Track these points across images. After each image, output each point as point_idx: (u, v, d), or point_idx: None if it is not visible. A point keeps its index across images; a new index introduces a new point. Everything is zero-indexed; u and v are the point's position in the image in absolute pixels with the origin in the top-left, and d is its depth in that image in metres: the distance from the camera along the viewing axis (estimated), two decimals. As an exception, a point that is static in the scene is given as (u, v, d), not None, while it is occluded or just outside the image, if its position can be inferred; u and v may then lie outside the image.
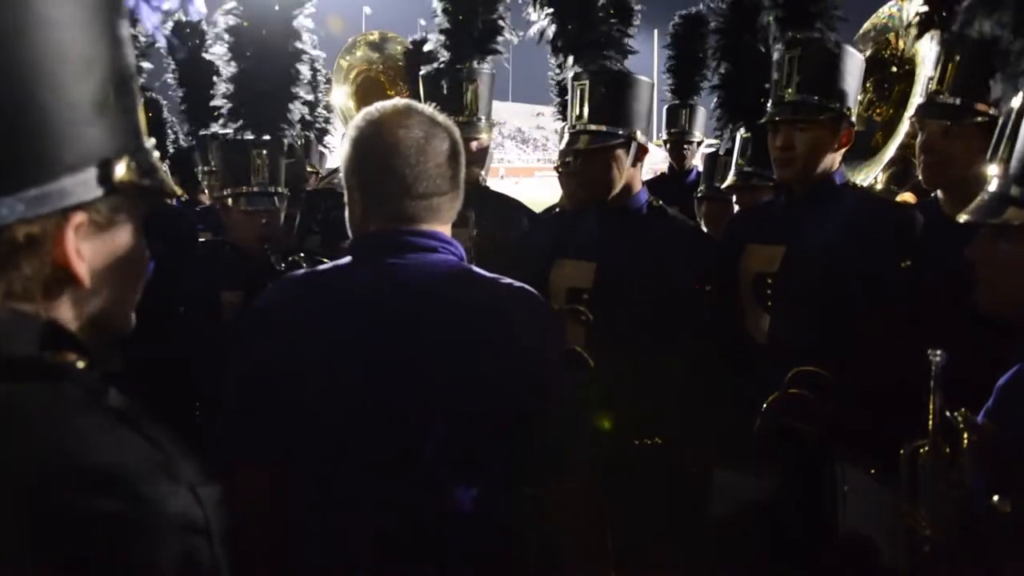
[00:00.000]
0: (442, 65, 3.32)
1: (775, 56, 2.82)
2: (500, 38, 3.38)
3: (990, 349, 1.64)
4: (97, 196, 0.90)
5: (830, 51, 2.76)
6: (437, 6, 3.38)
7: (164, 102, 5.63)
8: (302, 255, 3.01)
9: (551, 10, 3.05)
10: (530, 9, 3.11)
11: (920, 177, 2.73)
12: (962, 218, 1.50)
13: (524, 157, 66.61)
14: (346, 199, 1.79)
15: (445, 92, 3.22)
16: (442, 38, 3.36)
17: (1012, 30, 1.48)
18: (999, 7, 1.50)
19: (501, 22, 3.37)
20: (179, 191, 1.12)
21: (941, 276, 2.34)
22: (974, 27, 1.61)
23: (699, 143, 5.62)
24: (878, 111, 3.52)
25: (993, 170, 1.47)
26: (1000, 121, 1.47)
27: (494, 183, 6.27)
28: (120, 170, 0.91)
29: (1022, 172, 1.42)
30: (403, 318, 1.66)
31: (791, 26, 2.88)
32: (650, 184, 5.83)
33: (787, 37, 2.85)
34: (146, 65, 3.39)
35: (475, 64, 3.29)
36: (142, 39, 3.35)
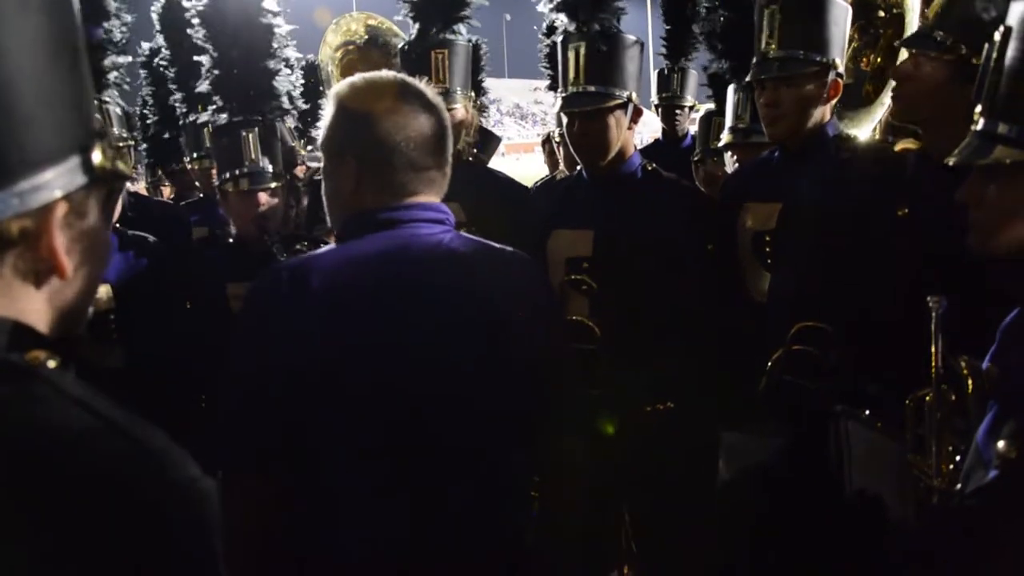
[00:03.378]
0: (411, 37, 3.29)
1: (756, 11, 2.77)
2: (468, 7, 3.33)
3: (993, 292, 1.60)
4: (81, 184, 0.89)
5: (811, 2, 2.70)
6: None
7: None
8: (307, 243, 2.97)
9: None
10: None
11: (891, 109, 2.67)
12: (951, 161, 1.46)
13: (524, 133, 66.39)
14: (329, 167, 1.74)
15: (415, 63, 3.18)
16: (408, 7, 3.33)
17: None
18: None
19: None
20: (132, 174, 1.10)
21: (937, 220, 2.30)
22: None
23: (691, 107, 5.56)
24: (865, 59, 3.45)
25: (978, 109, 1.43)
26: (983, 56, 1.43)
27: (495, 160, 6.22)
28: (97, 156, 0.91)
29: (1008, 108, 1.38)
30: (420, 293, 1.63)
31: None
32: (644, 151, 5.83)
33: None
34: (122, 59, 3.36)
35: (444, 34, 3.25)
36: (118, 35, 3.33)
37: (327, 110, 1.75)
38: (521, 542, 1.76)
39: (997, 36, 1.40)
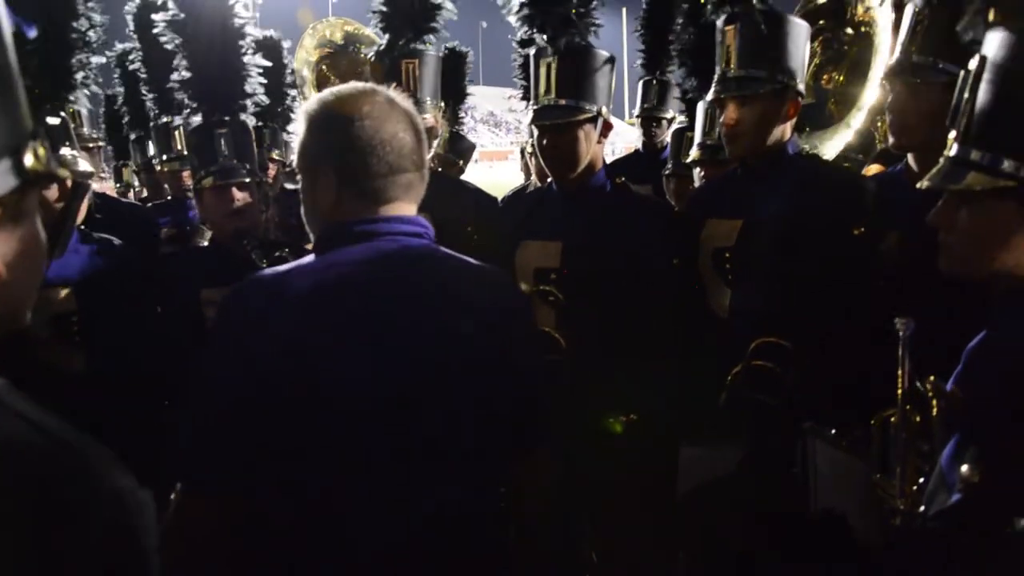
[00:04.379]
0: (381, 47, 3.30)
1: (717, 31, 2.81)
2: (438, 18, 3.34)
3: (961, 314, 1.61)
4: (12, 187, 0.88)
5: (770, 24, 2.73)
6: None
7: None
8: (287, 250, 2.94)
9: None
10: None
11: (890, 140, 2.71)
12: (923, 185, 1.47)
13: (497, 140, 66.58)
14: (306, 184, 1.72)
15: (385, 73, 3.19)
16: (378, 18, 3.33)
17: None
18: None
19: (437, 0, 3.35)
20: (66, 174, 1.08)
21: (911, 242, 2.33)
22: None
23: (671, 119, 5.60)
24: (827, 76, 3.49)
25: (952, 135, 1.45)
26: (958, 83, 1.44)
27: (469, 167, 6.23)
28: (29, 159, 0.89)
29: (981, 135, 1.40)
30: (394, 308, 1.61)
31: (727, 0, 2.85)
32: (622, 161, 5.87)
33: (726, 11, 2.82)
34: (97, 60, 3.32)
35: (412, 45, 3.26)
36: (94, 37, 3.29)
37: (298, 128, 1.74)
38: (504, 547, 1.77)
39: (973, 64, 1.41)
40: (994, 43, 1.39)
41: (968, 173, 1.41)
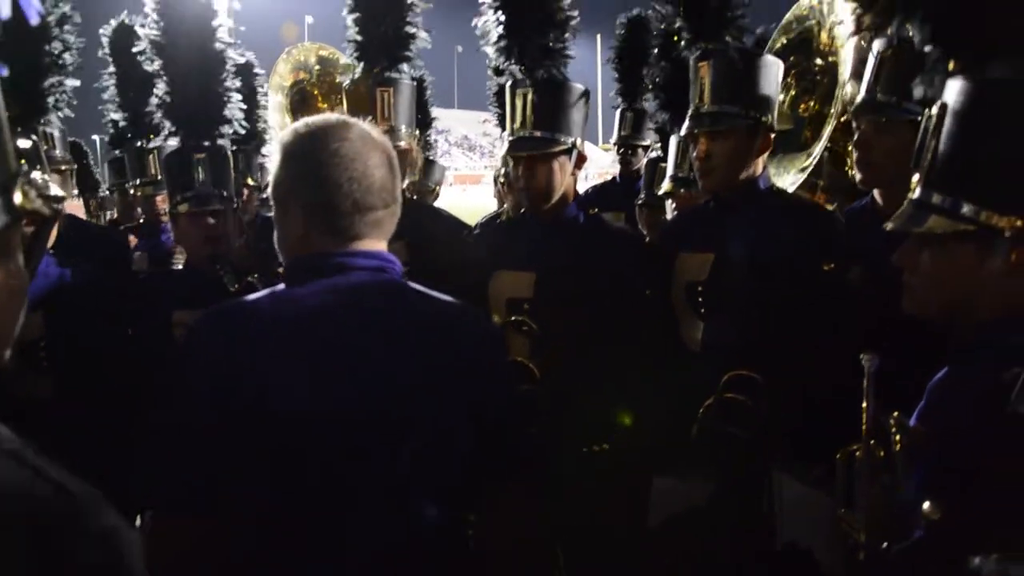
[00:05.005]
0: (355, 75, 3.32)
1: (690, 67, 2.85)
2: (412, 46, 3.37)
3: (927, 349, 1.65)
4: (3, 225, 0.88)
5: (742, 60, 2.79)
6: (348, 17, 3.37)
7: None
8: (257, 276, 2.94)
9: (502, 16, 3.04)
10: (484, 4, 3.09)
11: (857, 177, 2.77)
12: (888, 226, 1.51)
13: (471, 164, 66.72)
14: (278, 215, 1.73)
15: (360, 102, 3.21)
16: (353, 47, 3.35)
17: (927, 37, 1.50)
18: (917, 7, 1.51)
19: (411, 29, 3.37)
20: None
21: (875, 278, 2.37)
22: (893, 29, 1.63)
23: (647, 147, 5.65)
24: (804, 105, 3.55)
25: (915, 178, 1.49)
26: (921, 127, 1.49)
27: (443, 191, 6.26)
28: (18, 197, 0.89)
29: (942, 180, 1.44)
30: (356, 342, 1.63)
31: (701, 36, 2.90)
32: (598, 189, 5.91)
33: (698, 48, 2.87)
34: (71, 83, 3.31)
35: (386, 73, 3.28)
36: (69, 60, 3.29)
37: (273, 159, 1.75)
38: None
39: (934, 110, 1.45)
40: (953, 91, 1.44)
41: (930, 216, 1.45)
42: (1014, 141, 1.38)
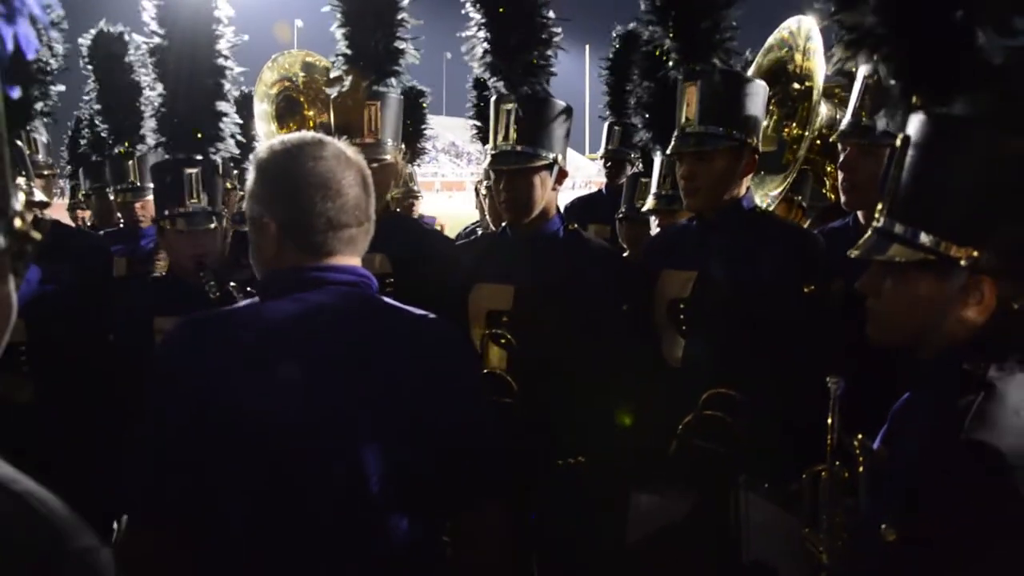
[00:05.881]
0: (344, 88, 3.32)
1: (678, 87, 2.89)
2: (401, 60, 3.39)
3: (891, 373, 1.68)
4: (2, 249, 0.90)
5: (729, 83, 2.82)
6: (337, 31, 3.38)
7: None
8: (234, 284, 2.95)
9: (487, 33, 3.07)
10: (469, 13, 3.11)
11: (842, 199, 2.82)
12: (852, 254, 1.55)
13: (458, 171, 66.73)
14: (252, 230, 1.75)
15: (347, 114, 3.23)
16: (342, 60, 3.36)
17: (890, 73, 1.54)
18: (881, 45, 1.55)
19: (400, 44, 3.39)
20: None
21: (855, 298, 2.41)
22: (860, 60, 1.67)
23: (633, 162, 5.67)
24: (788, 129, 3.61)
25: (879, 207, 1.53)
26: (885, 158, 1.53)
27: (429, 197, 6.31)
28: (18, 221, 0.91)
29: (904, 210, 1.48)
30: (326, 356, 1.64)
31: (689, 57, 2.93)
32: (583, 200, 5.94)
33: (685, 69, 2.91)
34: (59, 88, 3.31)
35: (375, 87, 3.30)
36: (53, 64, 3.29)
37: (249, 175, 1.77)
38: None
39: (898, 142, 1.50)
40: (915, 125, 1.48)
41: (892, 245, 1.49)
42: (970, 175, 1.43)
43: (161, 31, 3.11)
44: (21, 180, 3.16)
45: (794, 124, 3.60)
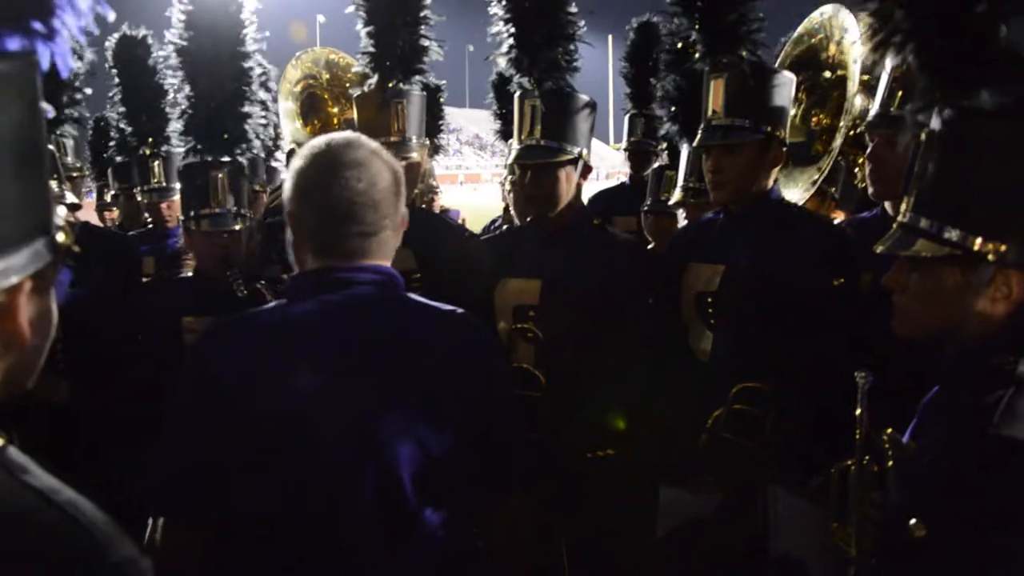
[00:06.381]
0: (371, 87, 3.34)
1: (704, 80, 2.87)
2: (426, 58, 3.40)
3: (921, 367, 1.68)
4: (47, 262, 0.94)
5: (756, 75, 2.81)
6: (362, 30, 3.39)
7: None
8: (263, 283, 2.98)
9: (512, 29, 3.08)
10: (493, 11, 3.12)
11: (869, 189, 2.80)
12: (878, 248, 1.54)
13: (482, 163, 66.73)
14: (290, 230, 1.79)
15: (374, 114, 3.24)
16: (367, 59, 3.38)
17: (918, 65, 1.53)
18: (908, 38, 1.54)
19: (425, 41, 3.40)
20: None
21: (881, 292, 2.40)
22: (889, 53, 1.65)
23: (658, 153, 5.65)
24: (816, 119, 3.57)
25: (904, 203, 1.52)
26: (911, 155, 1.52)
27: (453, 189, 6.36)
28: (61, 236, 0.96)
29: (929, 205, 1.47)
30: (352, 356, 1.67)
31: (716, 49, 2.92)
32: (607, 193, 5.93)
33: (712, 61, 2.89)
34: (86, 91, 3.36)
35: (401, 85, 3.31)
36: (81, 67, 3.33)
37: (286, 175, 1.79)
38: None
39: (924, 136, 1.49)
40: (942, 118, 1.47)
41: (917, 240, 1.48)
42: (997, 169, 1.42)
43: (188, 33, 3.13)
44: (53, 183, 3.20)
45: (822, 114, 3.57)
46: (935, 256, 1.46)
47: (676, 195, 3.79)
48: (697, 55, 3.00)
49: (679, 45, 3.29)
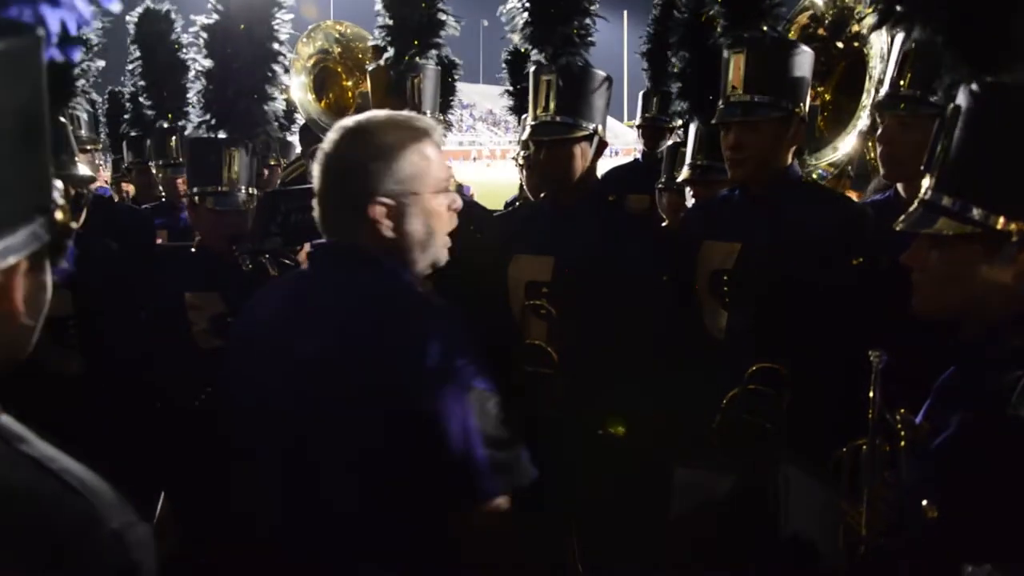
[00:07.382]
0: (387, 61, 3.32)
1: (723, 55, 2.83)
2: (442, 32, 3.38)
3: (936, 348, 1.66)
4: (45, 241, 0.94)
5: (777, 50, 2.77)
6: (378, 3, 3.37)
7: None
8: (267, 256, 2.98)
9: (527, 4, 3.05)
10: None
11: (880, 171, 2.77)
12: (898, 226, 1.53)
13: (496, 139, 66.53)
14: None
15: (390, 87, 3.24)
16: (383, 32, 3.36)
17: (944, 41, 1.50)
18: (933, 16, 1.52)
19: (442, 16, 3.37)
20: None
21: (898, 270, 2.38)
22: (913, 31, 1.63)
23: (672, 129, 5.60)
24: (813, 91, 3.52)
25: (926, 181, 1.50)
26: (934, 130, 1.50)
27: (467, 166, 6.32)
28: (59, 215, 0.96)
29: (951, 182, 1.45)
30: (292, 336, 1.68)
31: (737, 25, 2.88)
32: (621, 169, 5.89)
33: (733, 36, 2.85)
34: (99, 64, 3.35)
35: (417, 59, 3.29)
36: (95, 39, 3.32)
37: (324, 146, 1.78)
38: None
39: (948, 112, 1.47)
40: (966, 95, 1.45)
41: (939, 218, 1.46)
42: (1021, 146, 1.40)
43: (220, 11, 3.12)
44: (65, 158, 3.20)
45: (823, 87, 3.50)
46: (956, 234, 1.44)
47: (684, 172, 3.76)
48: (719, 29, 2.97)
49: (702, 19, 3.23)
